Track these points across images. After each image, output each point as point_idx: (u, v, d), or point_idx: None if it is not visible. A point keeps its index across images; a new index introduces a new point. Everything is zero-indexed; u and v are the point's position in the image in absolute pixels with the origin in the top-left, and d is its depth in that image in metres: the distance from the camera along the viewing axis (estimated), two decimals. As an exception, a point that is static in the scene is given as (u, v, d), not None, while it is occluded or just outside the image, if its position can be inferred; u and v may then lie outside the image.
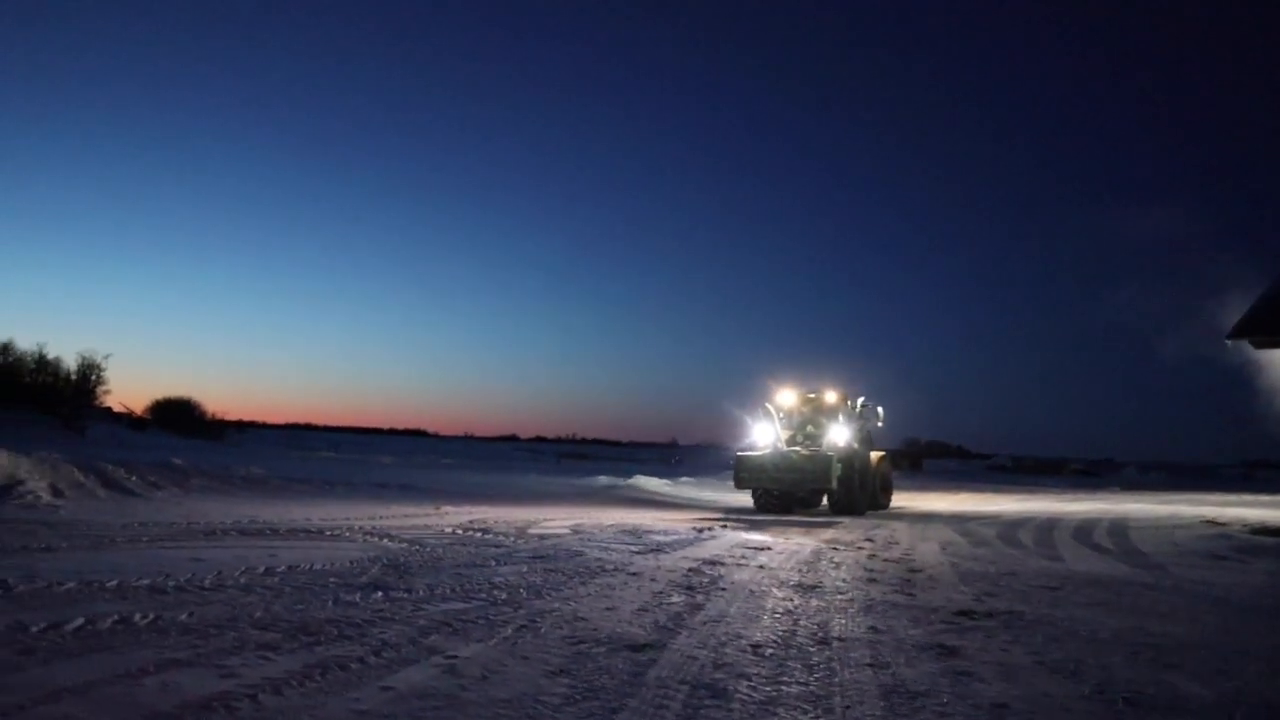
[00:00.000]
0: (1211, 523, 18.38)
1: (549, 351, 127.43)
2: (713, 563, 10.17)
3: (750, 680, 5.09)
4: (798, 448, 20.22)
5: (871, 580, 9.24)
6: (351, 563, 8.89)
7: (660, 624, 6.56)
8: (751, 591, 8.24)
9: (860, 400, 21.67)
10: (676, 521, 15.66)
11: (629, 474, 32.82)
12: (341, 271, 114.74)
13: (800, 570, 9.86)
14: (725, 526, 14.93)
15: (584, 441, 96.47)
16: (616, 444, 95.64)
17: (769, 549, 11.88)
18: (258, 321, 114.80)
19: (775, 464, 19.46)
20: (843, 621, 6.93)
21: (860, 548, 12.50)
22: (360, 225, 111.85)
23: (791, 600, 7.84)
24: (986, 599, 8.26)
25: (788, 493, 20.08)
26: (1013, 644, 6.31)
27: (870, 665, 5.54)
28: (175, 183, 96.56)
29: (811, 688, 4.98)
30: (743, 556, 10.90)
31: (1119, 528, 16.93)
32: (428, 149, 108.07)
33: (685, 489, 27.59)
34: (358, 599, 7.02)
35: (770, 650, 5.85)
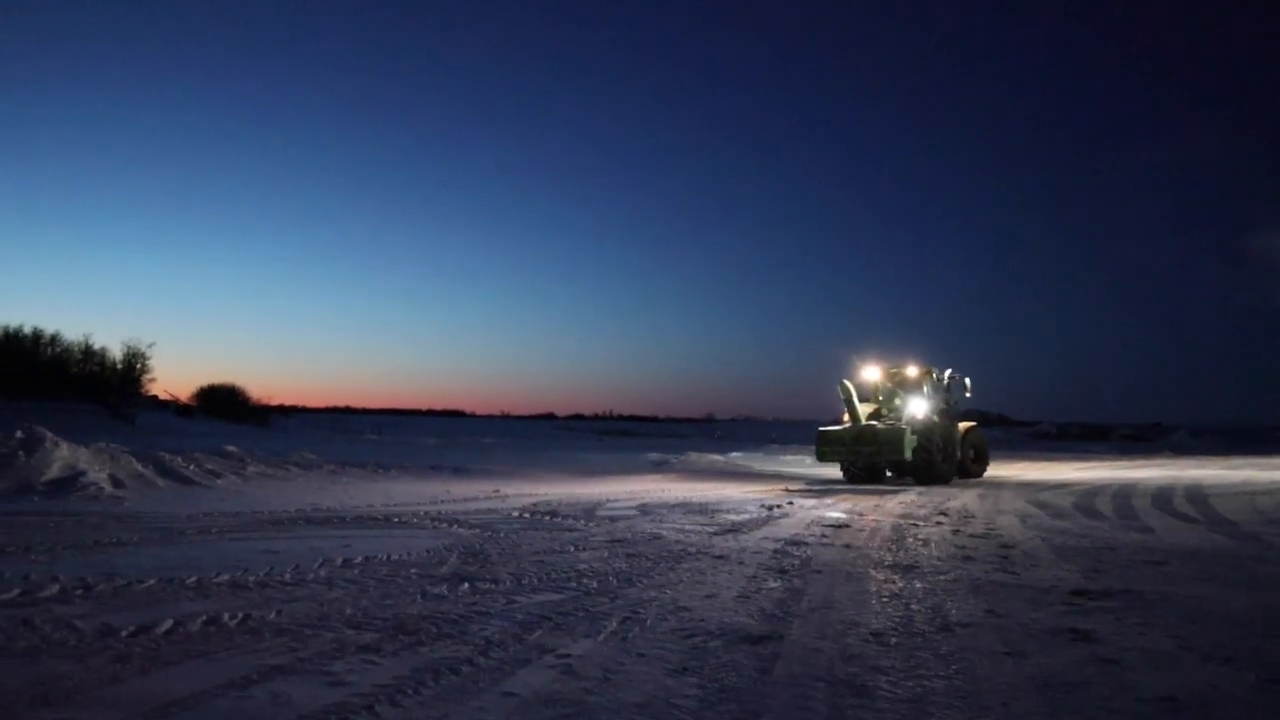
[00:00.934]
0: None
1: (582, 330, 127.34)
2: (796, 543, 9.80)
3: (886, 674, 4.73)
4: (875, 421, 21.01)
5: (968, 558, 8.83)
6: (428, 552, 8.62)
7: (768, 612, 6.22)
8: (848, 574, 7.87)
9: (948, 373, 22.52)
10: (741, 495, 15.32)
11: (676, 450, 32.57)
12: (376, 257, 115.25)
13: (890, 549, 9.47)
14: (791, 503, 14.54)
15: (621, 418, 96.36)
16: (654, 419, 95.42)
17: (848, 526, 11.50)
18: (296, 307, 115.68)
19: (853, 437, 20.51)
20: (956, 605, 6.54)
21: (939, 522, 12.08)
22: (394, 211, 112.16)
23: (894, 582, 7.45)
24: (1095, 576, 7.83)
25: (871, 464, 20.88)
26: (1146, 626, 5.90)
27: (1007, 654, 5.17)
28: (212, 173, 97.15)
29: (955, 682, 4.61)
30: (824, 535, 10.52)
31: (1196, 494, 16.38)
32: (459, 134, 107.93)
33: (740, 461, 27.19)
34: (445, 591, 6.74)
35: (894, 639, 5.48)
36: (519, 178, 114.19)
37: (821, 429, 21.27)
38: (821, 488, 18.75)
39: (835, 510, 13.64)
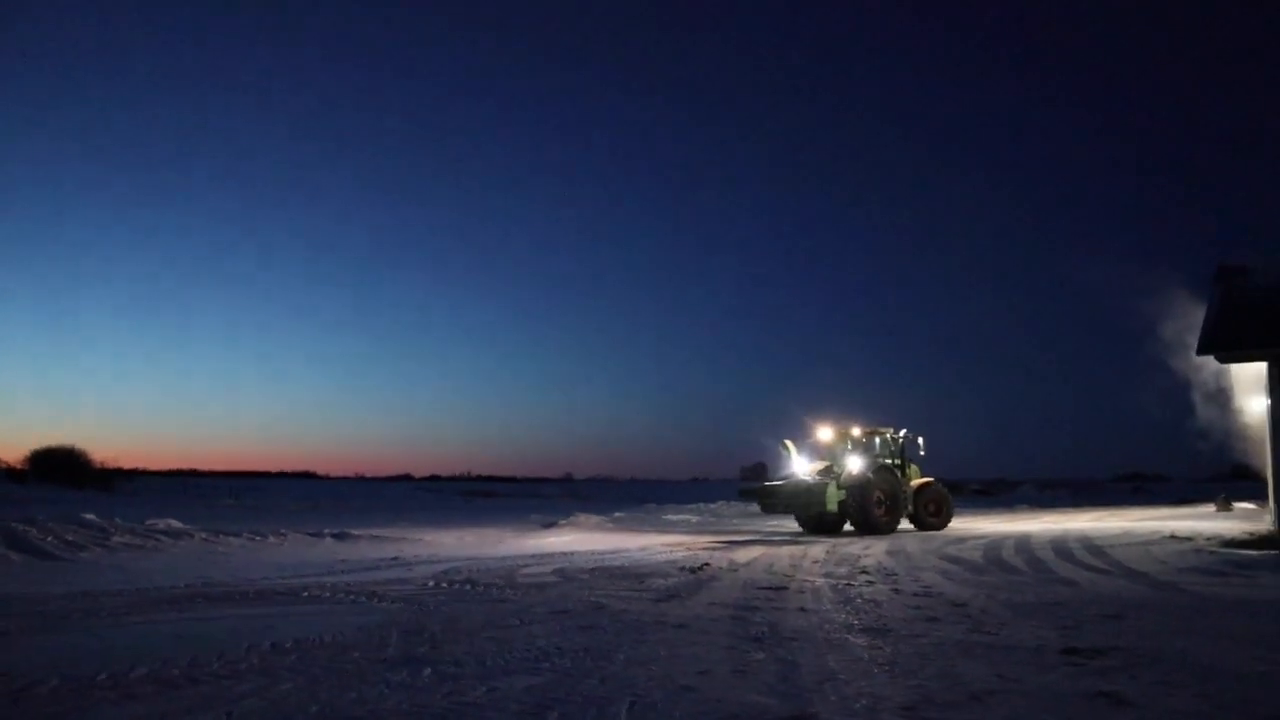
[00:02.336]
0: (1175, 537, 18.51)
1: (436, 388, 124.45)
2: (747, 608, 9.35)
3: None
4: (806, 477, 22.82)
5: (931, 619, 8.57)
6: (362, 630, 7.76)
7: (777, 688, 5.72)
8: (826, 640, 7.46)
9: (903, 432, 24.05)
10: (650, 557, 14.77)
11: (549, 511, 31.72)
12: (216, 307, 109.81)
13: (845, 611, 9.13)
14: (708, 564, 14.07)
15: (480, 478, 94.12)
16: (513, 479, 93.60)
17: (786, 588, 11.10)
18: (127, 363, 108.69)
19: (789, 492, 22.51)
20: (961, 670, 6.20)
21: (870, 581, 11.85)
22: (229, 261, 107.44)
23: (880, 648, 7.08)
24: (1071, 634, 7.70)
25: (818, 516, 22.42)
26: (1167, 685, 5.72)
27: (1060, 726, 4.83)
28: (29, 218, 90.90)
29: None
30: (770, 599, 10.11)
31: (1090, 546, 16.83)
32: (288, 199, 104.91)
33: (629, 522, 26.50)
34: (408, 678, 5.97)
35: (929, 713, 5.08)
36: (361, 236, 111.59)
37: (765, 484, 23.38)
38: (724, 544, 18.39)
39: (756, 570, 13.26)
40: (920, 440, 24.31)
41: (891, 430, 24.14)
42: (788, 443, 23.75)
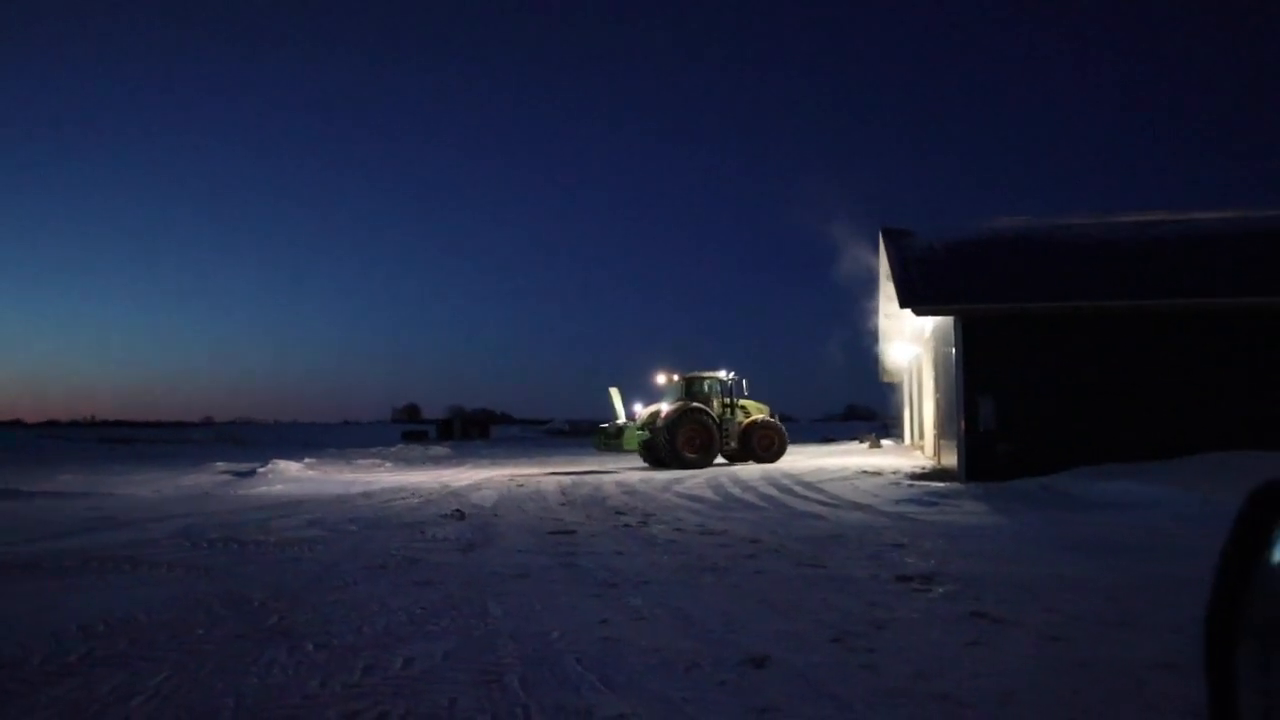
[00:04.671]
0: (866, 473, 20.72)
1: (47, 325, 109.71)
2: (563, 554, 9.29)
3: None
4: (619, 420, 25.93)
5: (750, 556, 9.04)
6: (175, 604, 6.76)
7: (693, 632, 5.77)
8: (681, 582, 7.64)
9: (730, 374, 26.64)
10: (388, 505, 14.12)
11: (203, 459, 29.09)
12: None
13: (660, 551, 9.36)
14: (460, 513, 13.74)
15: (109, 424, 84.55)
16: (150, 424, 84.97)
17: (572, 533, 11.12)
18: None
19: (607, 432, 25.91)
20: (839, 603, 6.63)
21: (638, 523, 12.18)
22: None
23: (739, 587, 7.35)
24: (881, 563, 8.45)
25: (646, 448, 25.24)
26: (1015, 605, 6.47)
27: (978, 644, 5.32)
28: None
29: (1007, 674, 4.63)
30: (569, 545, 10.10)
31: (802, 483, 18.41)
32: None
33: (336, 469, 24.87)
34: (288, 657, 5.34)
35: (857, 642, 5.38)
36: None
37: (599, 426, 26.85)
38: (443, 485, 17.96)
39: (514, 513, 13.15)
40: (744, 382, 26.98)
41: (723, 373, 26.49)
42: (613, 390, 26.49)
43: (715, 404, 26.04)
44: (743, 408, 26.84)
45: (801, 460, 27.75)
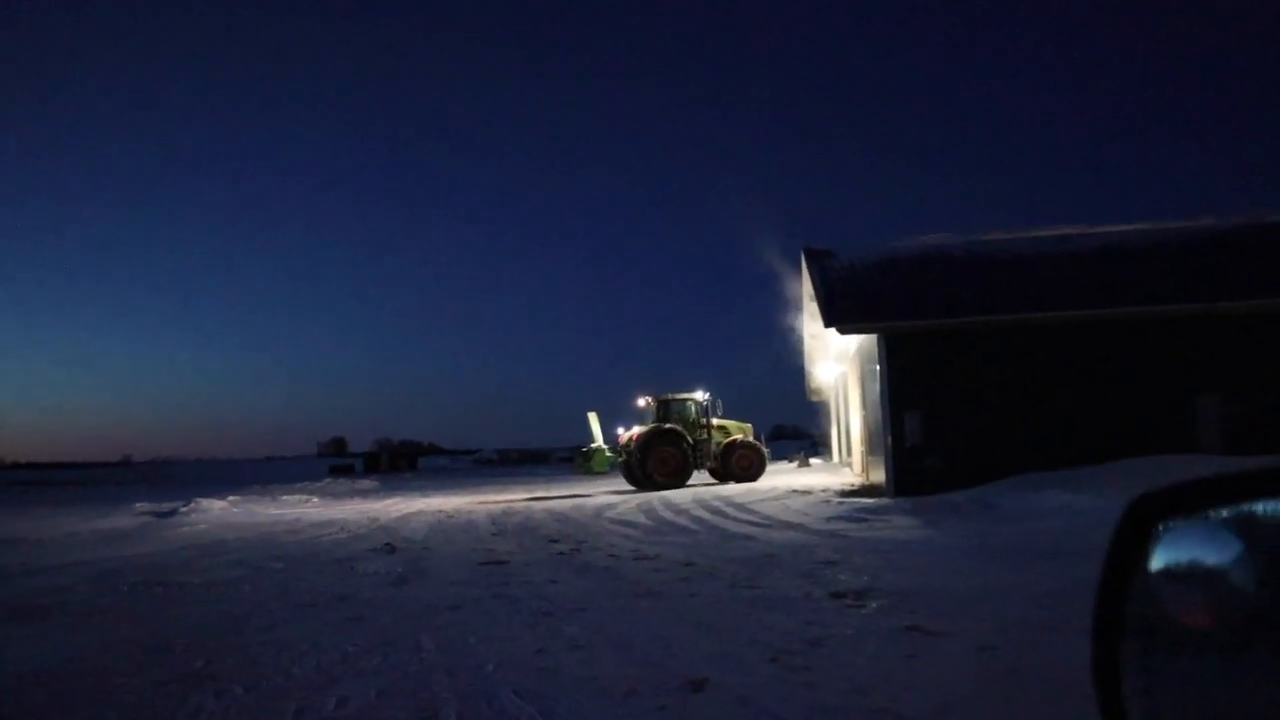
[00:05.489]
0: (796, 492, 20.93)
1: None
2: (494, 584, 9.21)
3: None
4: (594, 444, 27.03)
5: (684, 580, 9.08)
6: (96, 650, 6.52)
7: (637, 659, 5.78)
8: (616, 608, 7.62)
9: (706, 396, 27.05)
10: (317, 541, 13.82)
11: (124, 499, 28.00)
12: None
13: (594, 578, 9.35)
14: (391, 546, 13.52)
15: (21, 466, 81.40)
16: (72, 465, 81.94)
17: (505, 563, 11.04)
18: None
19: (584, 454, 27.22)
20: (775, 622, 6.70)
21: (571, 550, 12.15)
22: None
23: (675, 610, 7.39)
24: (815, 581, 8.57)
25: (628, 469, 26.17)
26: (950, 618, 6.61)
27: (914, 657, 5.42)
28: None
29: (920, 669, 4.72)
30: (503, 574, 10.02)
31: (733, 504, 18.51)
32: None
33: (267, 506, 24.24)
34: (215, 703, 5.19)
35: (794, 660, 5.44)
36: None
37: (580, 450, 28.07)
38: (372, 519, 17.65)
39: (444, 544, 13.00)
40: (719, 402, 27.26)
41: (699, 394, 27.01)
42: (592, 414, 27.44)
43: (694, 425, 26.41)
44: (722, 428, 27.00)
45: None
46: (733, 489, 24.45)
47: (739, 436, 27.16)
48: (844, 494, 19.20)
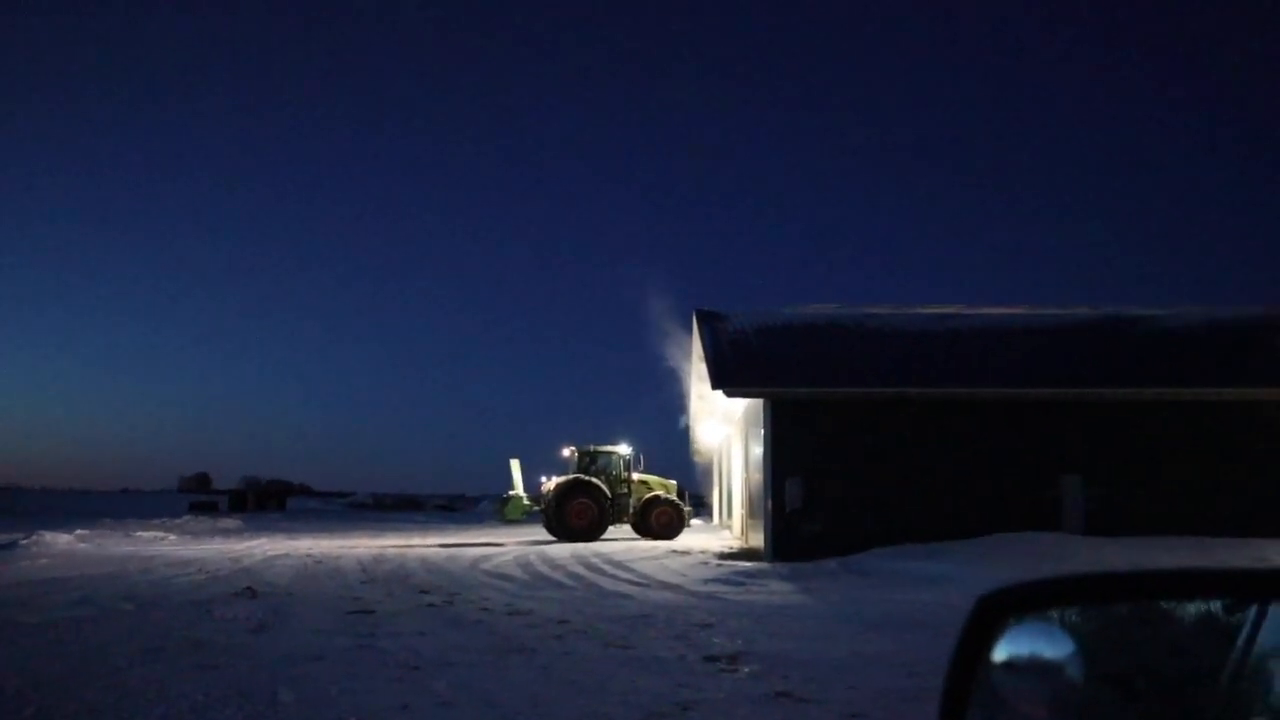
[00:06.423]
0: (675, 552, 20.95)
1: None
2: (363, 635, 8.93)
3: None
4: (512, 491, 27.26)
5: (557, 637, 8.97)
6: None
7: (534, 712, 5.66)
8: (490, 664, 7.47)
9: (627, 450, 27.20)
10: (169, 581, 13.17)
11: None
12: None
13: (467, 632, 9.17)
14: (251, 590, 12.99)
15: None
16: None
17: (371, 612, 10.73)
18: None
19: (502, 501, 27.78)
20: (646, 684, 6.67)
21: (443, 601, 11.90)
22: None
23: (546, 668, 7.30)
24: (688, 643, 8.59)
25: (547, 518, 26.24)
26: (820, 684, 6.71)
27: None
28: None
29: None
30: (370, 624, 9.73)
31: (611, 561, 18.41)
32: None
33: (113, 542, 22.91)
34: None
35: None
36: None
37: (503, 497, 27.90)
38: (235, 560, 16.93)
39: (308, 589, 12.56)
40: (641, 456, 27.59)
41: (622, 447, 27.20)
42: (514, 461, 27.56)
43: (616, 478, 26.46)
44: (644, 483, 26.96)
45: (612, 539, 27.87)
46: (611, 547, 24.36)
47: (660, 493, 27.06)
48: (723, 556, 19.35)
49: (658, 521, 26.52)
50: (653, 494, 26.98)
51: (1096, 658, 1.35)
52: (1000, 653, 1.28)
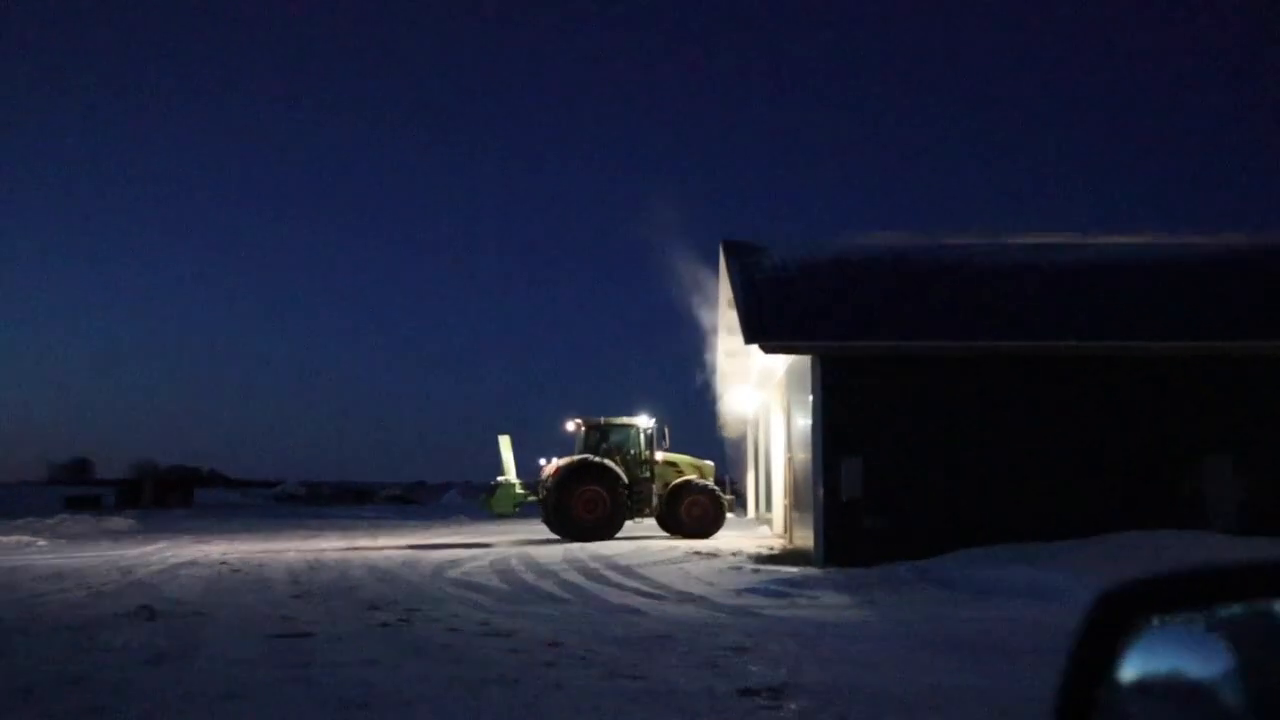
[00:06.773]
0: (699, 553, 21.07)
1: None
2: (297, 666, 9.03)
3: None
4: (502, 477, 27.93)
5: (549, 664, 9.06)
6: None
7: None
8: (461, 700, 7.51)
9: (651, 421, 27.25)
10: (40, 596, 13.35)
11: None
12: None
13: (433, 662, 9.27)
14: (150, 609, 13.13)
15: None
16: None
17: (308, 635, 10.83)
18: None
19: (489, 490, 28.39)
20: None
21: (400, 620, 12.00)
22: None
23: (535, 703, 7.36)
24: (719, 672, 8.68)
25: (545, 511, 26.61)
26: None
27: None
28: None
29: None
30: (306, 652, 9.82)
31: (616, 567, 18.57)
32: None
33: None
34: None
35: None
36: None
37: (489, 484, 28.59)
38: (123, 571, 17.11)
39: (222, 608, 12.69)
40: (666, 431, 27.51)
41: (642, 419, 27.17)
42: (503, 438, 28.15)
43: (634, 459, 26.61)
44: (672, 464, 26.97)
45: (626, 536, 28.09)
46: (616, 548, 24.54)
47: (694, 477, 26.96)
48: (760, 559, 19.50)
49: (689, 514, 26.22)
50: (683, 479, 26.78)
51: (1264, 676, 1.27)
52: (1130, 668, 1.21)
